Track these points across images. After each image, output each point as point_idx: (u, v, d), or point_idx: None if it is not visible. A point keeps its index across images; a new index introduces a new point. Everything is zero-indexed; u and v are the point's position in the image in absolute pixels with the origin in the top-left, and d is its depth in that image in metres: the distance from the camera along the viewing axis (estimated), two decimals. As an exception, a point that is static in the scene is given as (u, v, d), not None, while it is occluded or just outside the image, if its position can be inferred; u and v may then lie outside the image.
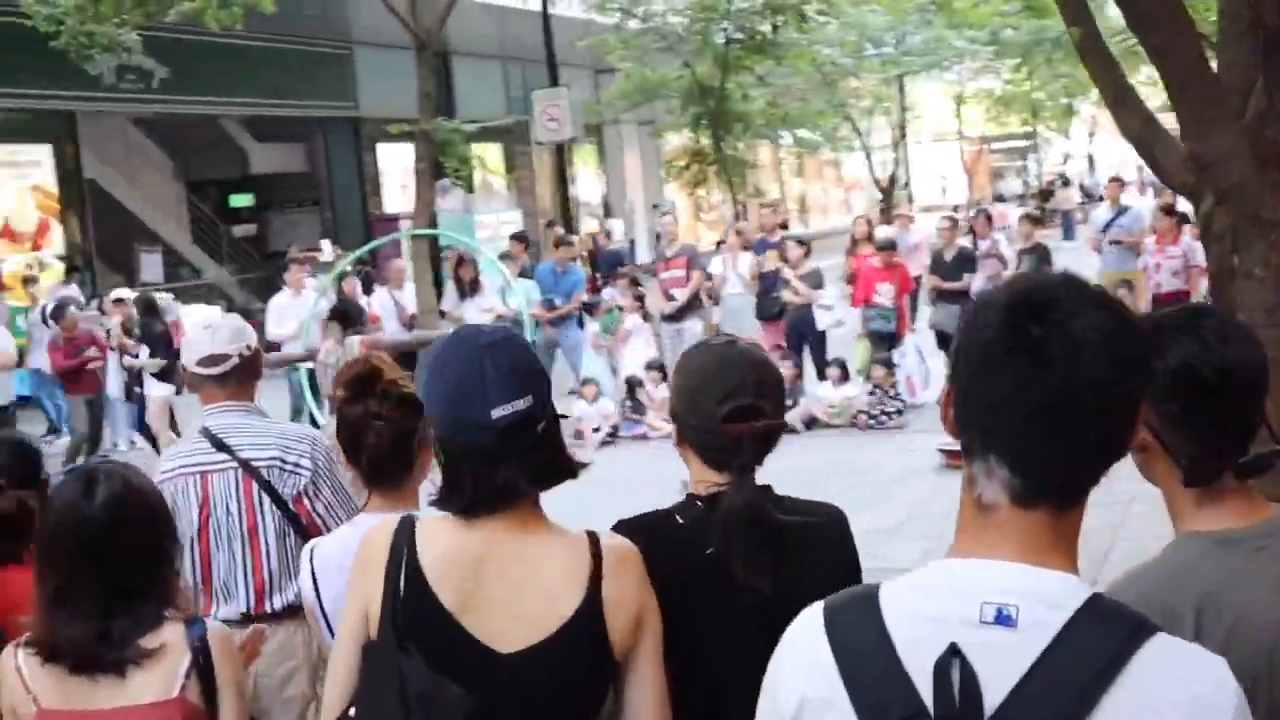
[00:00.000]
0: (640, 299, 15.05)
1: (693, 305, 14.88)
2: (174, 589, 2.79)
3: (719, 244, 16.14)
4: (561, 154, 20.33)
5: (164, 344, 14.15)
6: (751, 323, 14.84)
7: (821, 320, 14.06)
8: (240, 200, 30.00)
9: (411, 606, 2.31)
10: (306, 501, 4.12)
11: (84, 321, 14.61)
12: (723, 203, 19.73)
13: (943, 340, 13.87)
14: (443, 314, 14.57)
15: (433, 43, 14.42)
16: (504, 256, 14.62)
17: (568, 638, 2.33)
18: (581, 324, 15.47)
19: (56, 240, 21.94)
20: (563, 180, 20.73)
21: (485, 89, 30.26)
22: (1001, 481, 1.68)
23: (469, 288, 14.45)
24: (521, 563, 2.35)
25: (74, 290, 19.55)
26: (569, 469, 2.45)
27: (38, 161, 21.83)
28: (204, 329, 4.23)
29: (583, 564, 2.36)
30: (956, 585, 1.69)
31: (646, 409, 14.05)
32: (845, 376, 13.15)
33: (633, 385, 14.24)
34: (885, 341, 13.79)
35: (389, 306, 15.02)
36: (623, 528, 2.64)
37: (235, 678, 2.85)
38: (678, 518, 2.63)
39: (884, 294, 13.75)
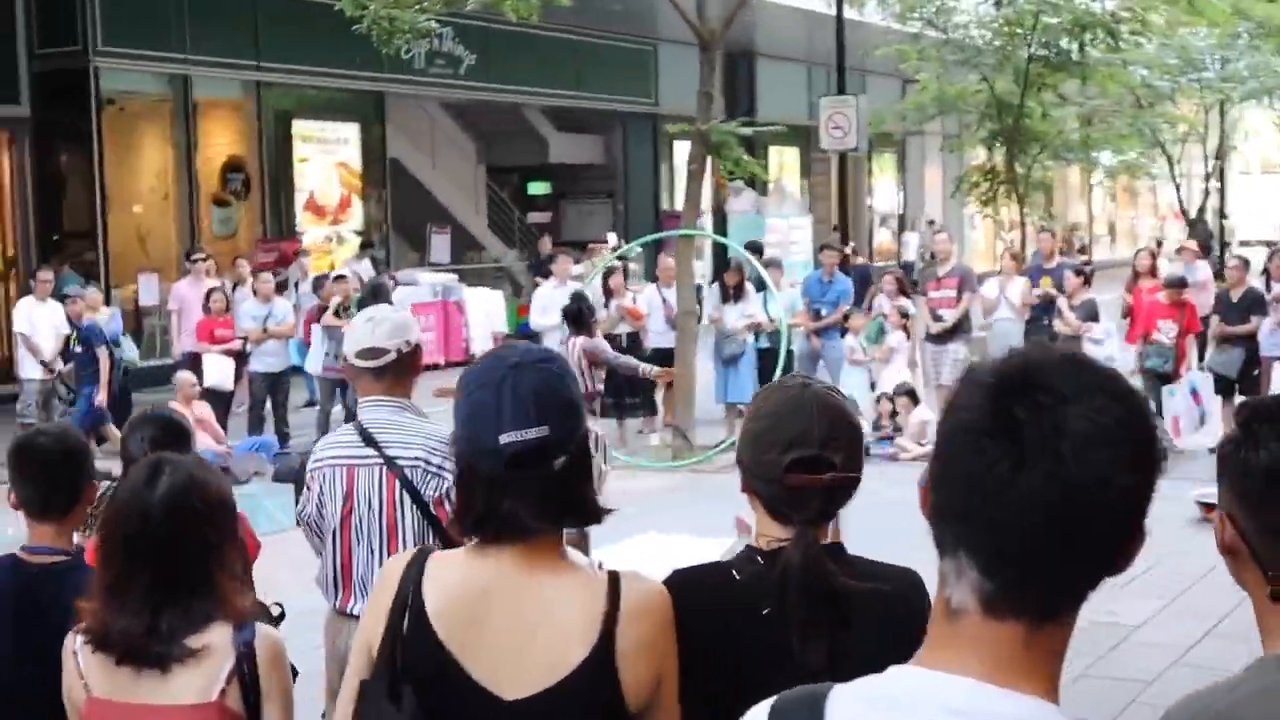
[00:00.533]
0: (905, 315, 14.68)
1: (960, 328, 14.45)
2: (229, 589, 2.77)
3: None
4: (844, 162, 20.03)
5: None
6: (1018, 350, 14.30)
7: (1091, 354, 13.41)
8: (538, 188, 30.70)
9: (411, 645, 2.20)
10: (448, 505, 4.08)
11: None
12: (1044, 229, 19.14)
13: (1221, 386, 13.09)
14: (702, 317, 14.53)
15: (716, 43, 14.31)
16: (769, 265, 14.47)
17: (576, 686, 2.17)
18: (844, 334, 15.22)
19: (356, 216, 22.85)
20: (843, 189, 20.42)
21: (787, 92, 30.17)
22: (972, 584, 1.46)
23: (733, 293, 14.35)
24: (531, 601, 2.21)
25: (365, 265, 20.34)
26: (588, 512, 2.30)
27: (345, 139, 22.78)
28: (366, 321, 4.25)
29: (598, 607, 2.20)
30: (905, 699, 1.49)
31: (902, 429, 13.71)
32: (1110, 415, 12.50)
33: (889, 400, 13.92)
34: (1160, 381, 13.07)
35: (656, 303, 15.06)
36: (675, 578, 2.49)
37: (282, 686, 2.79)
38: (735, 573, 2.46)
39: (1165, 332, 13.01)
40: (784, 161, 32.27)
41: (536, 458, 2.19)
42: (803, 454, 2.39)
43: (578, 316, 9.42)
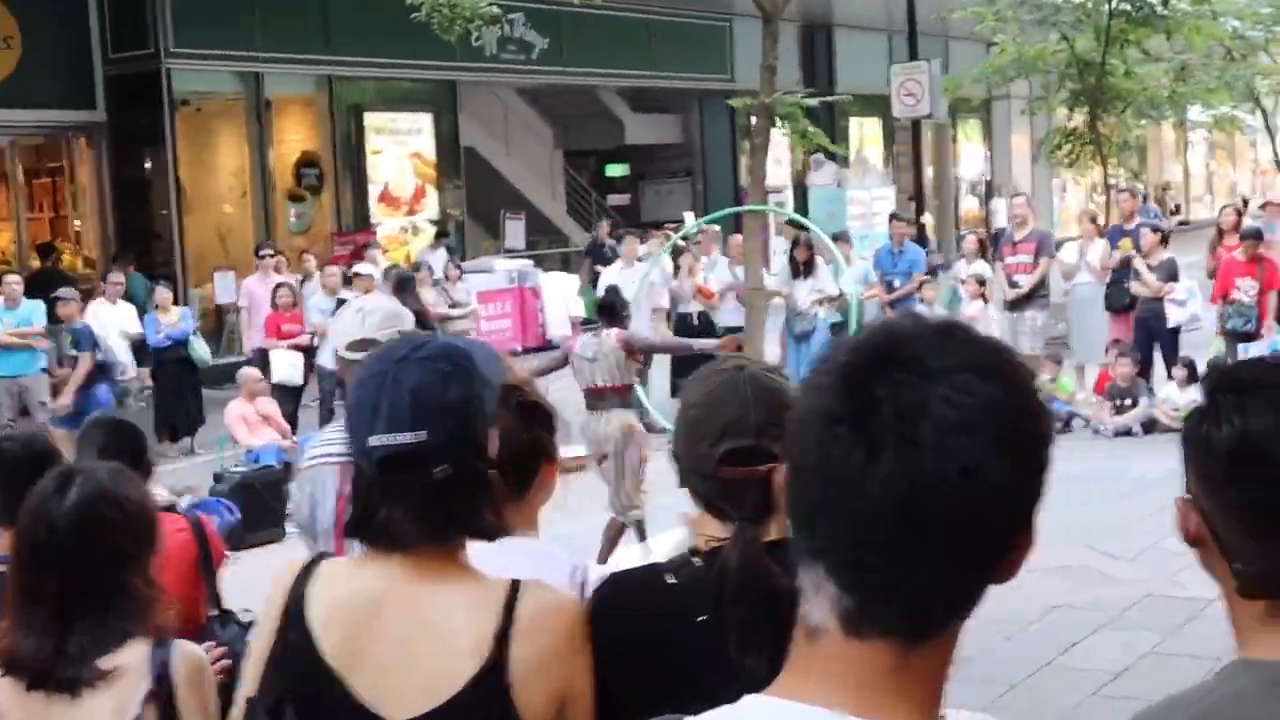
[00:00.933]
0: (982, 282, 14.31)
1: (1037, 294, 14.05)
2: (148, 603, 2.61)
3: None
4: (919, 130, 19.62)
5: (421, 325, 14.09)
6: (1100, 315, 13.91)
7: (1174, 316, 12.97)
8: (615, 170, 30.53)
9: (293, 660, 2.02)
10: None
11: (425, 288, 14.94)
12: (1113, 186, 18.63)
13: (1310, 344, 12.62)
14: (773, 293, 14.26)
15: (779, 14, 14.03)
16: (837, 238, 14.17)
17: (464, 706, 1.98)
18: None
19: (431, 206, 22.83)
20: (917, 156, 20.02)
21: (866, 62, 29.68)
22: (830, 599, 1.24)
23: (803, 268, 14.07)
24: (421, 614, 2.02)
25: (440, 255, 20.29)
26: (476, 527, 2.08)
27: (418, 129, 22.75)
28: (355, 312, 4.09)
29: (491, 620, 2.01)
30: None
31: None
32: (1193, 378, 12.08)
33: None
34: (1242, 342, 12.60)
35: (726, 281, 14.83)
36: (604, 585, 2.29)
37: (203, 708, 2.63)
38: (668, 577, 2.25)
39: (1245, 290, 12.54)
40: (865, 133, 31.77)
41: (410, 464, 2.00)
42: (737, 444, 2.18)
43: (610, 308, 9.15)
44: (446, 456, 2.01)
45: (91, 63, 19.05)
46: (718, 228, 14.89)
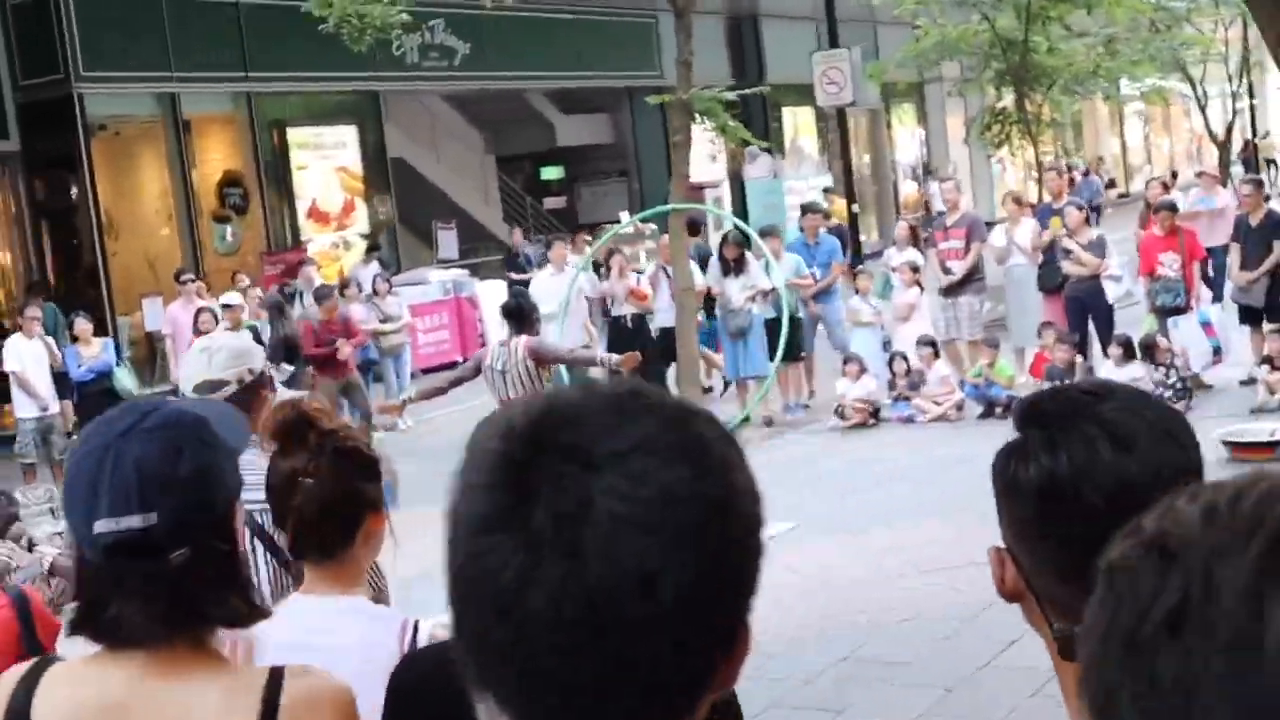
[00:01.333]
0: (916, 270, 14.15)
1: (971, 279, 13.92)
2: None
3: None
4: (844, 116, 19.45)
5: (289, 349, 13.85)
6: (1034, 296, 13.79)
7: (1111, 292, 12.85)
8: (550, 173, 30.29)
9: None
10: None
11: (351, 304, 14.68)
12: (1050, 165, 18.52)
13: (1247, 315, 12.51)
14: (707, 292, 14.06)
15: (690, 8, 13.83)
16: (765, 233, 13.97)
17: None
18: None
19: (361, 219, 22.52)
20: (845, 143, 19.87)
21: (795, 51, 29.52)
22: None
23: (733, 265, 13.84)
24: (169, 716, 1.79)
25: (372, 269, 20.01)
26: (218, 616, 1.84)
27: (343, 142, 22.44)
28: (200, 351, 3.85)
29: (249, 715, 1.79)
30: None
31: (919, 388, 13.22)
32: (1129, 355, 11.95)
33: (903, 359, 13.45)
34: (1172, 315, 12.49)
35: (661, 282, 14.62)
36: (404, 662, 2.07)
37: None
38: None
39: (1169, 264, 12.43)
40: (799, 122, 31.65)
41: (141, 550, 1.76)
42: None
43: (518, 313, 8.73)
44: (183, 539, 1.77)
45: (0, 90, 18.64)
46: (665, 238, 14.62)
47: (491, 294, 20.89)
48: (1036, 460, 1.51)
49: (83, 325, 14.24)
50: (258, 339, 13.56)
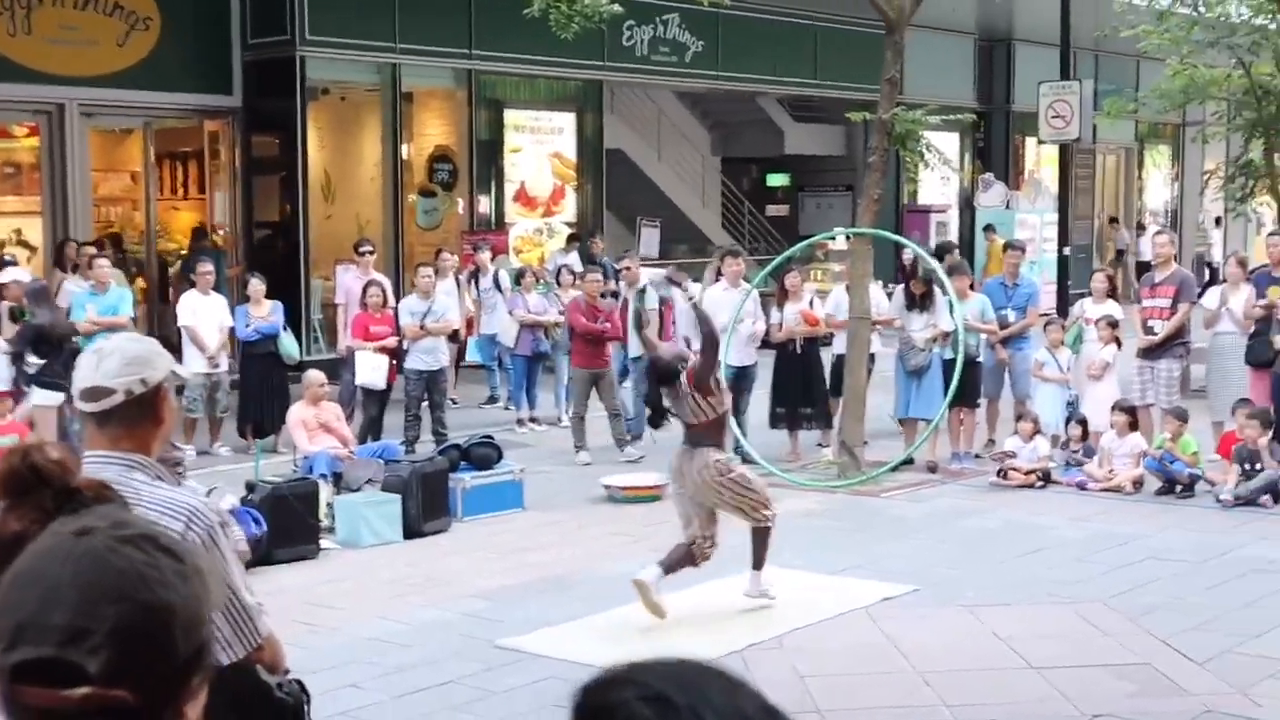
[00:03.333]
0: (1114, 325, 13.13)
1: (1173, 342, 12.84)
2: None
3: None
4: (1067, 153, 18.32)
5: (41, 340, 12.09)
6: (1240, 368, 12.66)
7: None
8: (777, 180, 29.67)
9: None
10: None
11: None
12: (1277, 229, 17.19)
13: None
14: (877, 323, 13.29)
15: (902, 26, 13.08)
16: (952, 271, 13.12)
17: None
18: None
19: (569, 207, 22.28)
20: (1064, 180, 18.73)
21: (1045, 78, 28.29)
22: None
23: (919, 301, 13.05)
24: None
25: (573, 258, 19.74)
26: None
27: (560, 129, 22.22)
28: (92, 353, 3.43)
29: None
30: None
31: (1094, 455, 12.26)
32: (1334, 448, 10.82)
33: (1083, 426, 12.51)
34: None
35: (845, 308, 13.87)
36: None
37: None
38: None
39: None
40: (1042, 153, 30.33)
41: None
42: (31, 654, 1.44)
43: (667, 374, 8.54)
44: None
45: (230, 48, 18.96)
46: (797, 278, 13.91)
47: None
48: None
49: (256, 285, 14.27)
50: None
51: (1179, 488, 11.60)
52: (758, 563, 8.54)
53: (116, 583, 1.46)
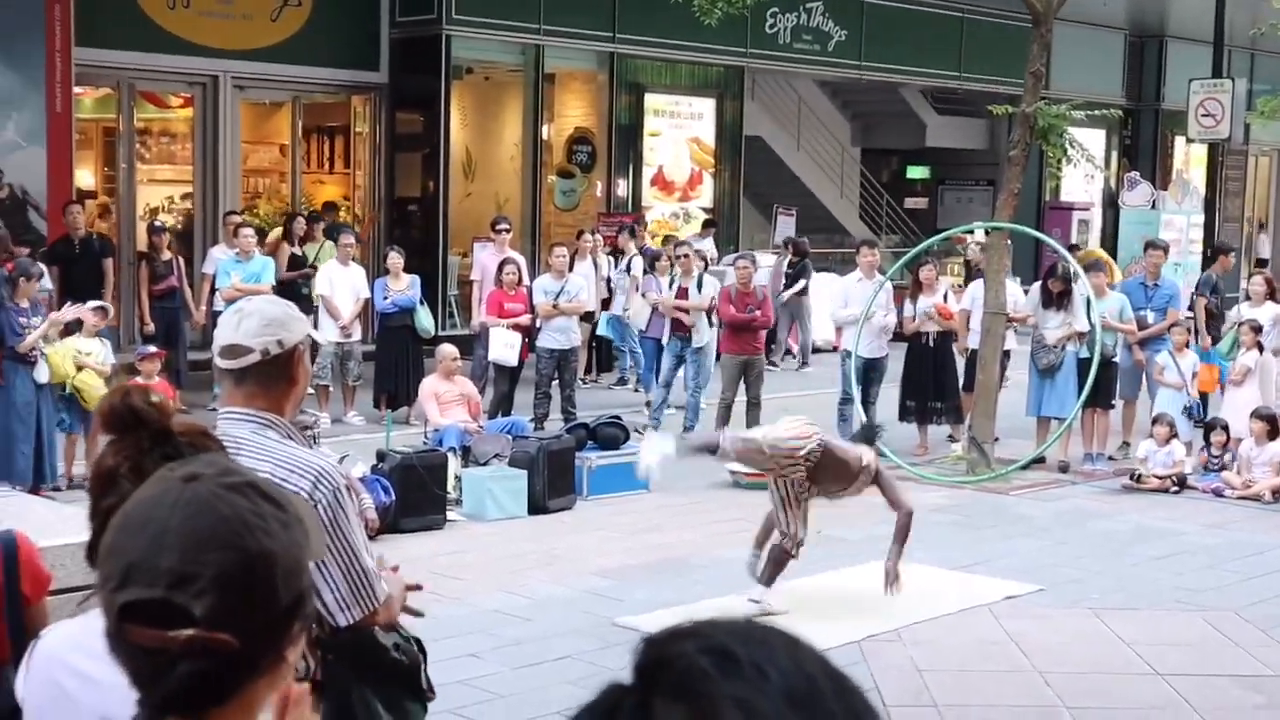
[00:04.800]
0: (1257, 330, 12.81)
1: (1321, 349, 12.51)
2: None
3: None
4: (1216, 153, 17.85)
5: None
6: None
7: None
8: (916, 172, 29.37)
9: None
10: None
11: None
12: None
13: None
14: (1012, 319, 13.06)
15: (1049, 18, 12.86)
16: (1090, 268, 12.86)
17: None
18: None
19: (706, 193, 22.28)
20: (1211, 183, 18.28)
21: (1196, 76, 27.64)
22: None
23: (1056, 299, 12.81)
24: None
25: (708, 244, 19.78)
26: None
27: (700, 114, 22.23)
28: (233, 313, 3.52)
29: None
30: None
31: (1234, 461, 11.98)
32: None
33: (1223, 430, 12.22)
34: None
35: (980, 301, 13.67)
36: None
37: None
38: None
39: None
40: (1191, 152, 29.58)
41: None
42: (140, 595, 1.50)
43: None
44: None
45: (378, 25, 19.27)
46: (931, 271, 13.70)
47: (820, 285, 20.30)
48: None
49: (394, 259, 14.48)
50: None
51: (1316, 504, 11.29)
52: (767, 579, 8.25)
53: (222, 530, 1.51)
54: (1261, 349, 12.89)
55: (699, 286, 14.32)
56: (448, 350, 12.35)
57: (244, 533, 1.52)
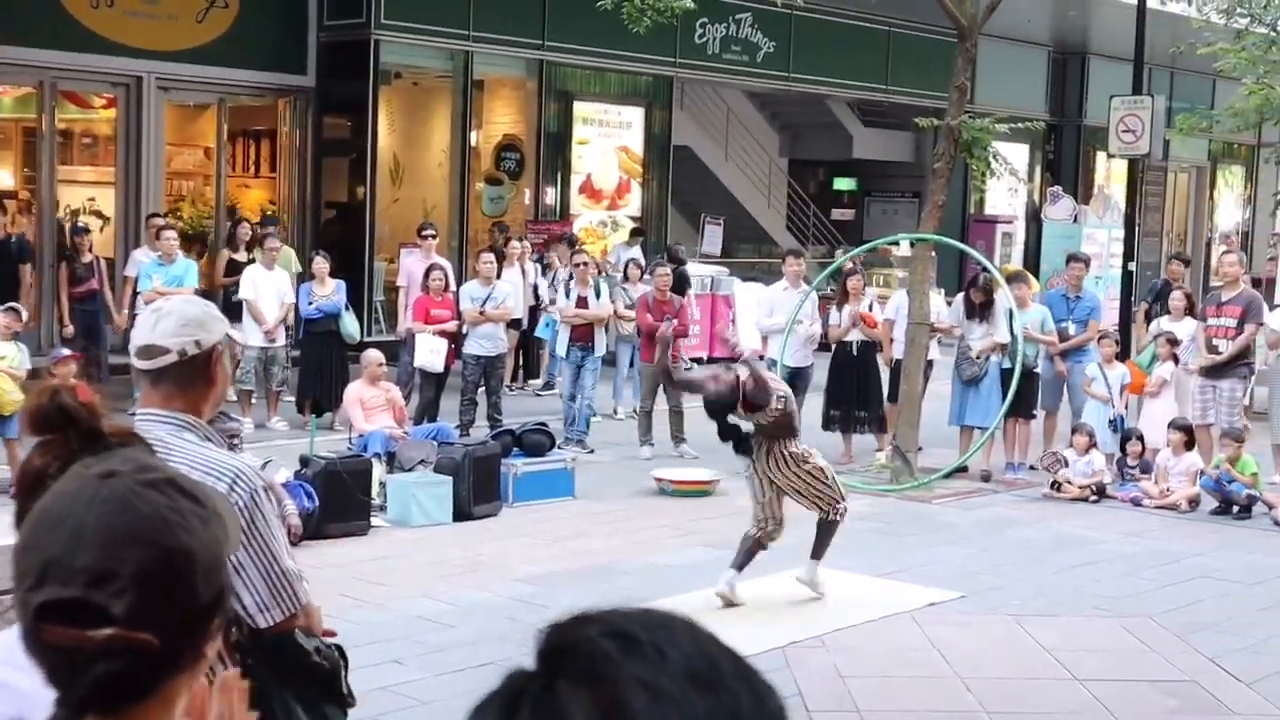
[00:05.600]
0: (1173, 343, 13.01)
1: (1237, 362, 12.71)
2: None
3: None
4: (1136, 169, 18.15)
5: None
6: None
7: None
8: (844, 184, 29.60)
9: None
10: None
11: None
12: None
13: None
14: (935, 329, 13.19)
15: (974, 33, 13.01)
16: (1012, 279, 13.03)
17: None
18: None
19: (634, 202, 22.32)
20: (1130, 198, 18.58)
21: (1117, 93, 28.04)
22: None
23: (979, 310, 12.96)
24: None
25: (636, 252, 19.79)
26: None
27: (629, 123, 22.27)
28: (151, 313, 3.47)
29: None
30: None
31: (1150, 472, 12.15)
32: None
33: (1138, 440, 12.39)
34: None
35: (904, 312, 13.81)
36: None
37: None
38: None
39: None
40: (1112, 168, 30.03)
41: None
42: (57, 594, 1.48)
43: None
44: None
45: (306, 28, 19.14)
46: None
47: (748, 295, 20.39)
48: None
49: (320, 264, 14.39)
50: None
51: (1236, 508, 11.48)
52: (818, 552, 8.65)
53: (140, 527, 1.49)
54: (1177, 361, 13.10)
55: (597, 295, 14.36)
56: (373, 356, 12.28)
57: (163, 529, 1.50)
